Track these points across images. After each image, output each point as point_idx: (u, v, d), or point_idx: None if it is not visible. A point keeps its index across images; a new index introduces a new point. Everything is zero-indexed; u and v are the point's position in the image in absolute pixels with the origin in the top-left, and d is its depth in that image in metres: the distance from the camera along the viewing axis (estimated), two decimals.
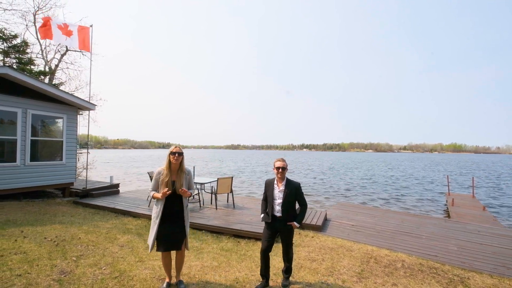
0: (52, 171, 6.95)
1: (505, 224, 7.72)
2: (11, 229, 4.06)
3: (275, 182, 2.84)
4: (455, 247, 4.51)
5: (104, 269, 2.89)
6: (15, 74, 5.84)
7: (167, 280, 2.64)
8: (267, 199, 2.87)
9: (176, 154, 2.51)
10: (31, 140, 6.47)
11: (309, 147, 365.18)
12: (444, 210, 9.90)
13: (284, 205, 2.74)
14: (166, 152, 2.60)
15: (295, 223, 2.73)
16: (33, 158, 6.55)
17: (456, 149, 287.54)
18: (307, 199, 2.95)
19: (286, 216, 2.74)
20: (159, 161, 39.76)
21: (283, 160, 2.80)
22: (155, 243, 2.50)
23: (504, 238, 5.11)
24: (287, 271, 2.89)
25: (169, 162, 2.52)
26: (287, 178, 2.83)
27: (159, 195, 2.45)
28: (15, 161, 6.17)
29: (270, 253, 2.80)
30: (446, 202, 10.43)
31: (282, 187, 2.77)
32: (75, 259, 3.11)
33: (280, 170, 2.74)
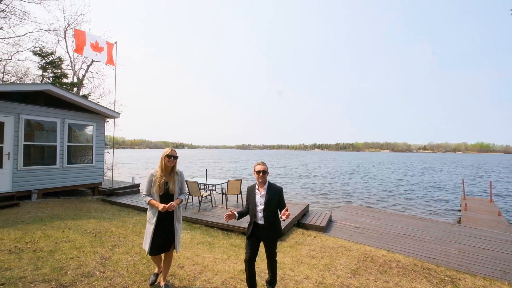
0: (84, 172, 7.88)
1: None
2: (58, 222, 4.87)
3: (256, 187, 2.69)
4: (456, 251, 4.56)
5: (134, 256, 3.50)
6: (56, 90, 6.79)
7: (155, 270, 2.80)
8: (249, 206, 2.72)
9: (172, 157, 2.52)
10: (68, 145, 7.43)
11: (321, 146, 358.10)
12: (457, 211, 9.69)
13: (265, 211, 2.58)
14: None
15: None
16: (69, 161, 7.50)
17: (483, 148, 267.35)
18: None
19: (268, 223, 2.58)
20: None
21: (264, 164, 2.69)
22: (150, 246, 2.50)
23: (510, 244, 5.04)
24: (271, 282, 2.74)
25: (163, 164, 2.52)
26: (268, 182, 2.68)
27: (159, 205, 2.42)
28: (55, 164, 7.15)
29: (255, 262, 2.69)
30: (460, 206, 10.19)
31: (263, 192, 2.63)
32: (111, 247, 3.75)
33: (261, 174, 2.61)
